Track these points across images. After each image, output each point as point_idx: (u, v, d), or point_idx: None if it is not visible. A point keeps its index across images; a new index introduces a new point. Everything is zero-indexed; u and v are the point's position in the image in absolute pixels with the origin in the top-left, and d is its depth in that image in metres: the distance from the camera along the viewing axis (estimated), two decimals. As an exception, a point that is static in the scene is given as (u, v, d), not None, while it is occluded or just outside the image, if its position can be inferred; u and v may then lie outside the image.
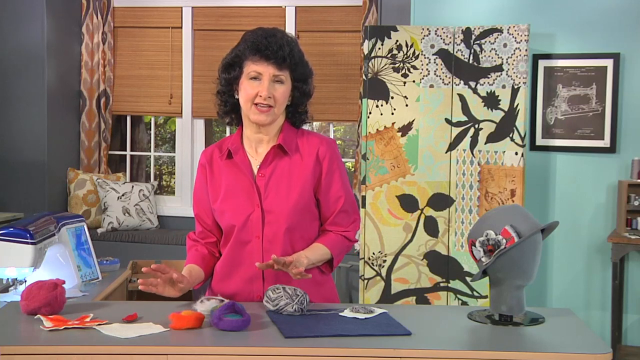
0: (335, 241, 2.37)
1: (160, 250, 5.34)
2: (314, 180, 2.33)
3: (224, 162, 2.38)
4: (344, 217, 2.38)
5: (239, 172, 2.34)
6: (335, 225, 2.38)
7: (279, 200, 2.30)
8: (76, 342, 1.93)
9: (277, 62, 2.25)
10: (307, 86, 2.35)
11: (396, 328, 2.05)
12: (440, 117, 4.54)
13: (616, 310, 4.51)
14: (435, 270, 4.56)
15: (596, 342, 1.99)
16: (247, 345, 1.92)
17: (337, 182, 2.36)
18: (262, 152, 2.35)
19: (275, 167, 2.33)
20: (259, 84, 2.27)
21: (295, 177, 2.31)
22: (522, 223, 2.15)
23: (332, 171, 2.35)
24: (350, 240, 2.41)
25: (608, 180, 4.75)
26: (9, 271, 2.82)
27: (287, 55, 2.26)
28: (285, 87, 2.29)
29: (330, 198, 2.35)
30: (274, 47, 2.25)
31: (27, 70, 5.52)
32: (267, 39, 2.26)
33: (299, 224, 2.32)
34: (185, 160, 5.88)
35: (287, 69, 2.28)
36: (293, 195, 2.30)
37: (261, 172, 2.32)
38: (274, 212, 2.30)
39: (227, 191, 2.34)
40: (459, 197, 4.53)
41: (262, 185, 2.31)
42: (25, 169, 5.55)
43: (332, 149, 2.36)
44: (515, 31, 4.40)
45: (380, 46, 4.56)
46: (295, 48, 2.31)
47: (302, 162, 2.32)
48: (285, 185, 2.31)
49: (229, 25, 5.70)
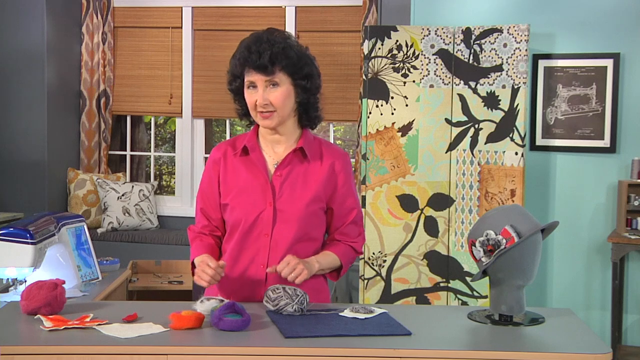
0: (344, 251, 2.41)
1: (160, 250, 5.34)
2: (327, 188, 2.37)
3: (238, 158, 2.40)
4: (352, 229, 2.43)
5: (255, 170, 2.37)
6: (344, 235, 2.42)
7: (292, 202, 2.33)
8: (76, 342, 1.93)
9: (263, 69, 2.26)
10: (309, 82, 2.34)
11: (396, 328, 2.05)
12: (440, 117, 4.54)
13: (616, 310, 4.51)
14: (435, 270, 4.56)
15: (596, 342, 1.99)
16: (247, 345, 1.92)
17: (352, 195, 2.42)
18: (280, 152, 2.38)
19: (293, 169, 2.36)
20: (256, 92, 2.30)
21: (311, 182, 2.35)
22: (522, 223, 2.15)
23: (348, 183, 2.41)
24: (357, 251, 2.46)
25: (608, 180, 4.75)
26: (9, 271, 2.82)
27: (272, 58, 2.25)
28: (281, 89, 2.29)
29: (344, 209, 2.41)
30: (257, 55, 2.25)
31: (27, 70, 5.52)
32: (251, 47, 2.27)
33: (307, 227, 2.35)
34: (185, 160, 5.88)
35: (280, 71, 2.28)
36: (306, 199, 2.33)
37: (278, 172, 2.35)
38: (286, 212, 2.32)
39: (241, 187, 2.36)
40: (459, 197, 4.53)
41: (278, 185, 2.34)
42: (25, 169, 5.55)
43: (347, 162, 2.44)
44: (515, 31, 4.40)
45: (380, 46, 4.56)
46: (287, 47, 2.29)
47: (319, 169, 2.36)
48: (300, 188, 2.34)
49: (229, 25, 5.70)
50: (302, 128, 2.41)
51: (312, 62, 2.35)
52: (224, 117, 5.92)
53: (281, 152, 2.38)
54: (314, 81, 2.35)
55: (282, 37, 2.31)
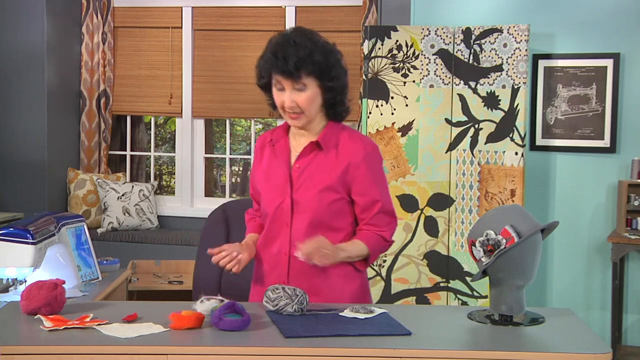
0: (371, 238, 2.42)
1: (160, 250, 5.34)
2: (344, 179, 2.38)
3: (270, 149, 2.48)
4: (380, 218, 2.43)
5: (279, 161, 2.44)
6: (372, 226, 2.43)
7: (308, 193, 2.37)
8: (76, 342, 1.93)
9: (290, 74, 2.29)
10: (335, 82, 2.37)
11: (396, 328, 2.05)
12: (440, 117, 4.54)
13: (616, 310, 4.51)
14: (435, 270, 4.56)
15: (596, 342, 1.99)
16: (247, 345, 1.92)
17: (374, 187, 2.41)
18: (302, 144, 2.44)
19: (311, 160, 2.40)
20: (283, 94, 2.34)
21: (327, 173, 2.38)
22: (522, 223, 2.15)
23: (371, 175, 2.40)
24: (386, 240, 2.45)
25: (608, 180, 4.74)
26: (9, 271, 2.82)
27: (297, 65, 2.28)
28: (307, 92, 2.33)
29: (368, 201, 2.41)
30: (283, 62, 2.28)
31: (27, 70, 5.52)
32: (278, 52, 2.29)
33: (324, 217, 2.38)
34: (185, 160, 5.88)
35: (306, 76, 2.31)
36: (321, 190, 2.37)
37: (297, 164, 2.41)
38: (302, 203, 2.37)
39: (267, 177, 2.45)
40: (459, 197, 4.53)
41: (296, 176, 2.40)
42: (25, 169, 5.55)
43: (373, 153, 2.43)
44: (515, 31, 4.40)
45: (380, 46, 4.56)
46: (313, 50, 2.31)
47: (336, 160, 2.39)
48: (316, 180, 2.38)
49: (229, 25, 5.70)
50: (329, 120, 2.45)
51: (339, 62, 2.39)
52: (224, 117, 5.92)
53: (303, 143, 2.43)
54: (340, 81, 2.40)
55: (309, 38, 2.33)
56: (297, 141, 2.45)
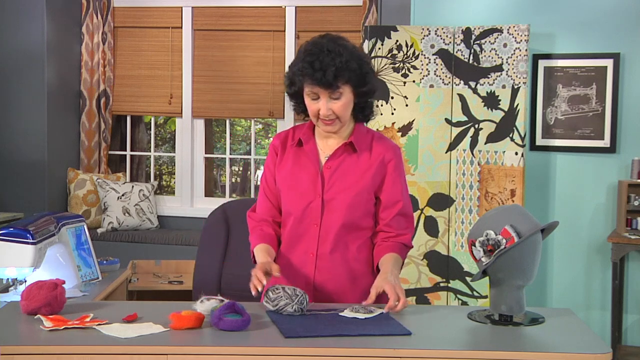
0: (399, 249, 2.42)
1: (160, 250, 5.34)
2: (375, 180, 2.42)
3: (295, 149, 2.48)
4: (399, 221, 2.45)
5: (307, 161, 2.44)
6: (389, 227, 2.44)
7: (340, 193, 2.39)
8: (76, 342, 1.93)
9: (328, 85, 2.30)
10: (366, 87, 2.38)
11: (396, 328, 2.05)
12: (440, 117, 4.54)
13: (616, 310, 4.51)
14: (435, 270, 4.56)
15: (596, 342, 1.99)
16: (247, 345, 1.92)
17: (398, 187, 2.44)
18: (332, 145, 2.45)
19: (343, 161, 2.42)
20: (318, 102, 2.35)
21: (359, 174, 2.41)
22: (522, 223, 2.15)
23: (396, 175, 2.44)
24: (407, 245, 2.47)
25: (608, 180, 4.74)
26: (9, 271, 2.82)
27: (336, 75, 2.28)
28: (343, 100, 2.34)
29: (391, 200, 2.43)
30: (321, 73, 2.28)
31: (27, 70, 5.52)
32: (314, 63, 2.29)
33: (355, 216, 2.40)
34: (185, 160, 5.88)
35: (343, 85, 2.32)
36: (354, 189, 2.39)
37: (328, 164, 2.42)
38: (334, 202, 2.39)
39: (293, 177, 2.44)
40: (459, 197, 4.53)
41: (327, 177, 2.41)
42: (25, 169, 5.55)
43: (398, 155, 2.47)
44: (515, 31, 4.40)
45: (380, 46, 4.56)
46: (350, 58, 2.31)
47: (368, 162, 2.42)
48: (348, 180, 2.40)
49: (229, 25, 5.70)
50: (356, 122, 2.47)
51: (370, 67, 2.40)
52: (224, 117, 5.92)
53: (333, 144, 2.45)
54: (372, 86, 2.41)
55: (342, 44, 2.34)
56: (324, 142, 2.46)
